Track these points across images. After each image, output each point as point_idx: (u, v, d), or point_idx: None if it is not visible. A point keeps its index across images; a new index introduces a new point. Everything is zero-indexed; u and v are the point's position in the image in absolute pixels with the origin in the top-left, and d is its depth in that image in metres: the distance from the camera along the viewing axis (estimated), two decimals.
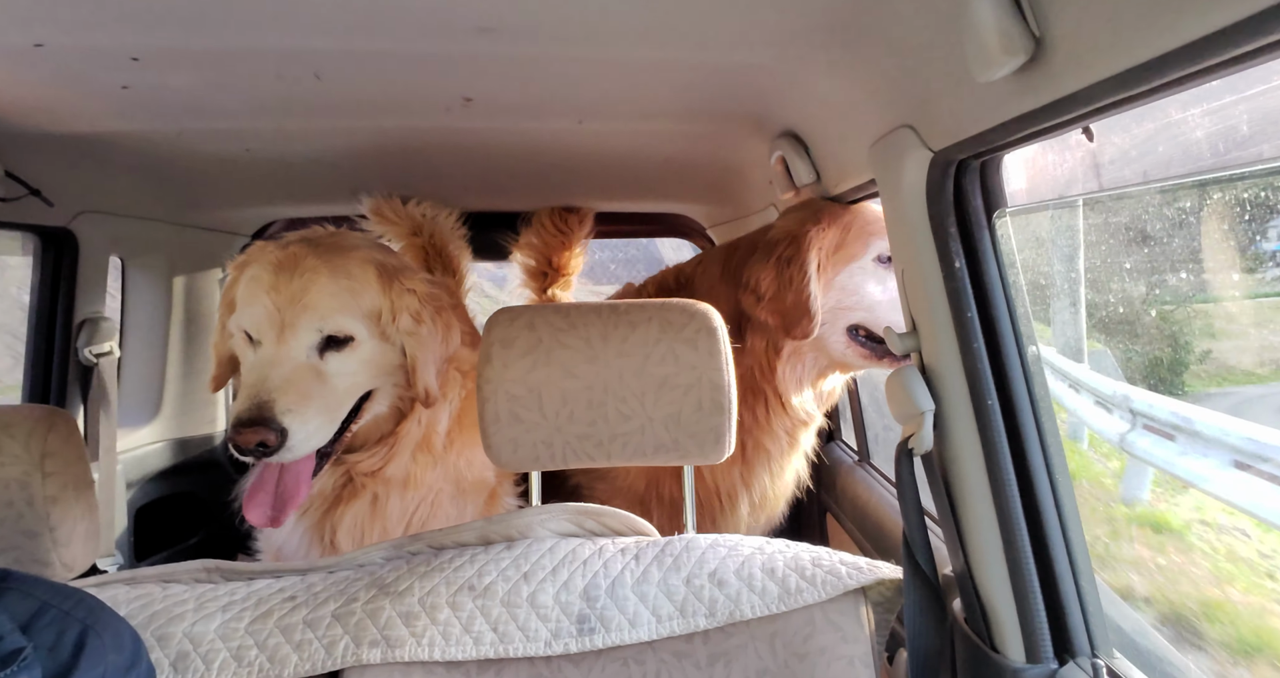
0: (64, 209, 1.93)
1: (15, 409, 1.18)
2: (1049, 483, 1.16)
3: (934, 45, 1.07)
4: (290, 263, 1.51)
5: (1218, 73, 0.72)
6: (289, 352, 1.47)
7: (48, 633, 0.82)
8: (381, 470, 1.63)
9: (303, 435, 1.43)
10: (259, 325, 1.49)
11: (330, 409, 1.50)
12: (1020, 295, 1.19)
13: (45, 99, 1.49)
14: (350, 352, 1.52)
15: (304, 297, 1.48)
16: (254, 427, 1.37)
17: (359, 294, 1.54)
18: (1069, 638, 1.14)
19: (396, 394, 1.63)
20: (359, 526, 1.64)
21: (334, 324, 1.50)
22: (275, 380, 1.43)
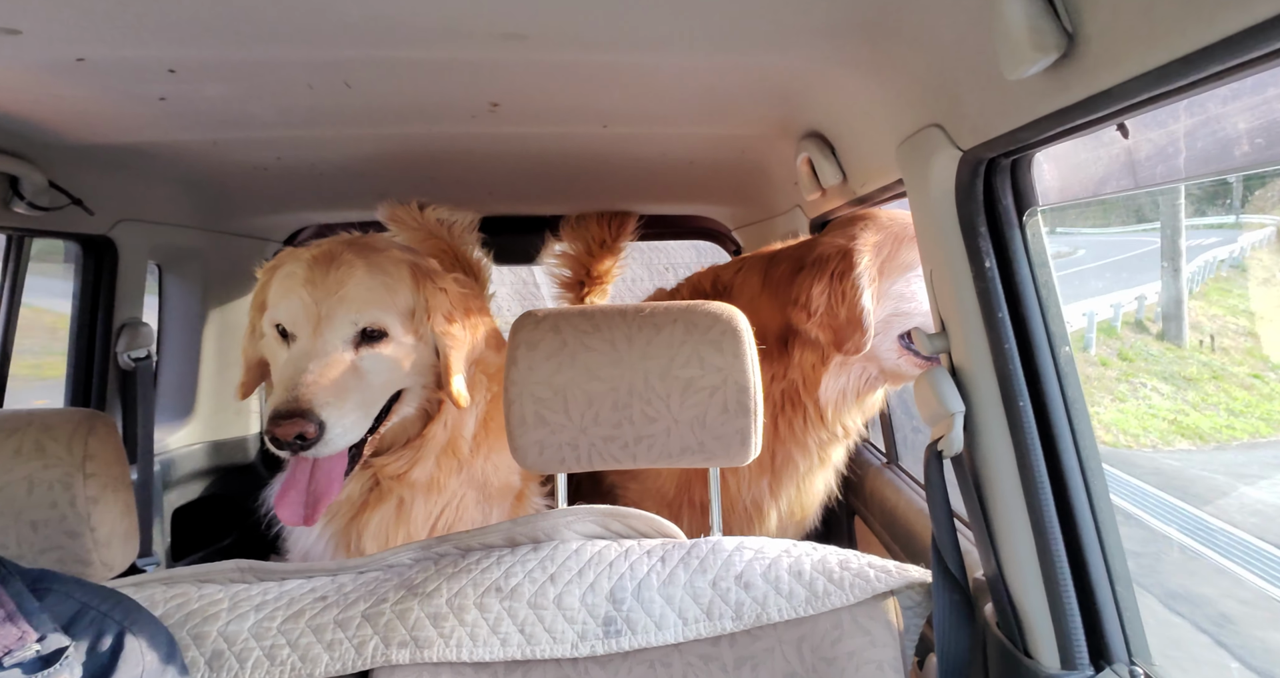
0: (104, 217, 1.99)
1: (58, 412, 1.21)
2: (1083, 485, 1.14)
3: (963, 43, 1.06)
4: (326, 259, 1.53)
5: (1258, 67, 0.70)
6: (325, 345, 1.47)
7: (87, 633, 0.85)
8: (407, 474, 1.63)
9: (340, 429, 1.42)
10: (295, 319, 1.49)
11: (365, 404, 1.50)
12: (1053, 295, 1.17)
13: (86, 111, 1.53)
14: (384, 347, 1.53)
15: (340, 290, 1.49)
16: (292, 418, 1.37)
17: (394, 291, 1.55)
18: (1105, 644, 1.12)
19: (425, 396, 1.64)
20: (384, 530, 1.65)
21: (369, 317, 1.50)
22: (313, 373, 1.42)
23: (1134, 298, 7.88)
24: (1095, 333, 7.68)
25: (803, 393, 1.84)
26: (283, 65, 1.33)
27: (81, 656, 0.82)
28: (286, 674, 1.08)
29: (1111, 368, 7.43)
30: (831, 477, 2.01)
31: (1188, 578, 4.10)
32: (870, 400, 1.90)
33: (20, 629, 0.76)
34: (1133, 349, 7.63)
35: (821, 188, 1.83)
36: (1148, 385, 7.14)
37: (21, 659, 0.76)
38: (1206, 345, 6.95)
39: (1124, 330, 7.87)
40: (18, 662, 0.76)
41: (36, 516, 1.12)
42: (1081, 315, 7.67)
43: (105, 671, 0.83)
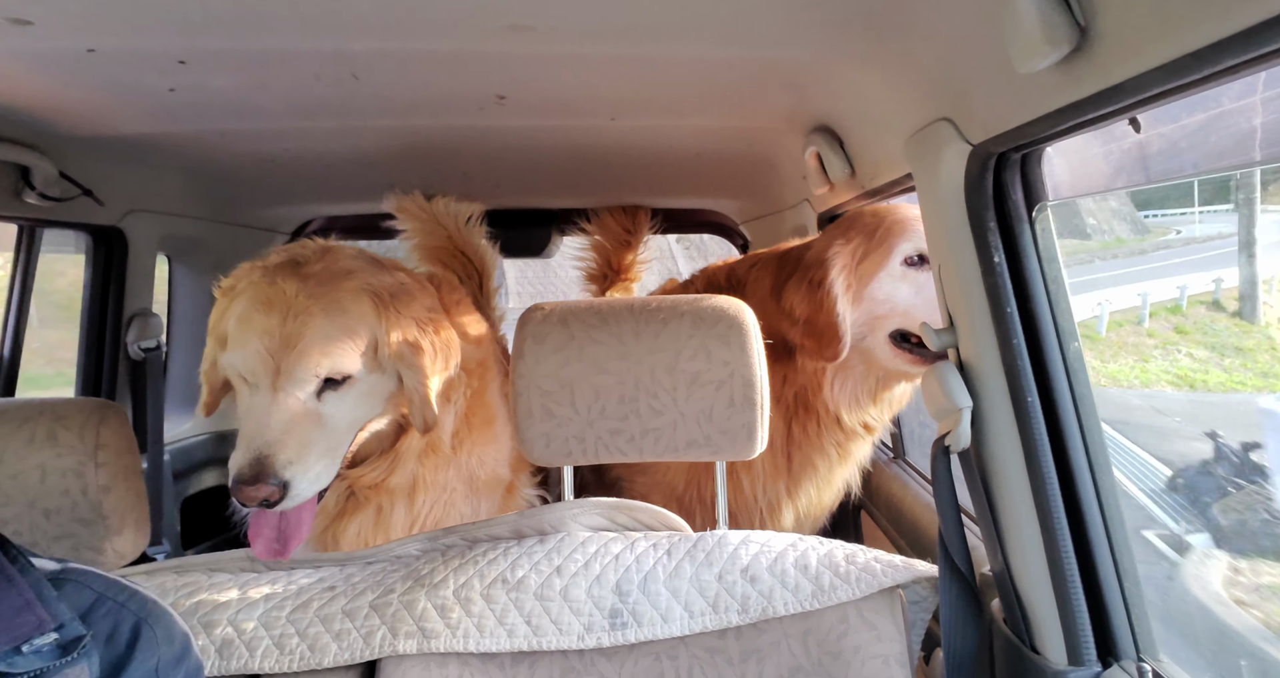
0: (114, 208, 2.00)
1: (70, 402, 1.22)
2: (1091, 481, 1.14)
3: (973, 36, 1.05)
4: (281, 302, 1.43)
5: (1271, 62, 0.70)
6: (286, 399, 1.40)
7: (104, 624, 0.85)
8: (385, 482, 1.59)
9: (305, 484, 1.38)
10: (253, 370, 1.41)
11: (332, 451, 1.45)
12: (1062, 290, 1.16)
13: (96, 102, 1.54)
14: (348, 389, 1.46)
15: (299, 342, 1.40)
16: (255, 484, 1.32)
17: (354, 332, 1.46)
18: (1113, 640, 1.12)
19: (399, 412, 1.58)
20: (362, 536, 1.61)
21: (330, 366, 1.43)
22: (274, 431, 1.37)
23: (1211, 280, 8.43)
24: (1149, 309, 8.42)
25: (811, 396, 1.83)
26: (291, 57, 1.33)
27: (99, 645, 0.83)
28: (295, 664, 1.09)
29: (1156, 338, 7.93)
30: (853, 472, 1.98)
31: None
32: (889, 396, 1.87)
33: (39, 617, 0.77)
34: (1195, 325, 7.96)
35: (830, 182, 1.82)
36: (1183, 351, 7.57)
37: (40, 647, 0.77)
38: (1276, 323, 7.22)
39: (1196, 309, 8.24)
40: (36, 649, 0.76)
41: (49, 503, 1.14)
42: (1137, 295, 8.51)
43: (122, 660, 0.84)
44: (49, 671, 0.76)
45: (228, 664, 1.09)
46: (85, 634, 0.80)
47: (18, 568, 0.81)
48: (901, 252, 1.73)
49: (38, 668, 0.76)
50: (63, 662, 0.77)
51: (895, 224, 1.75)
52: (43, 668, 0.76)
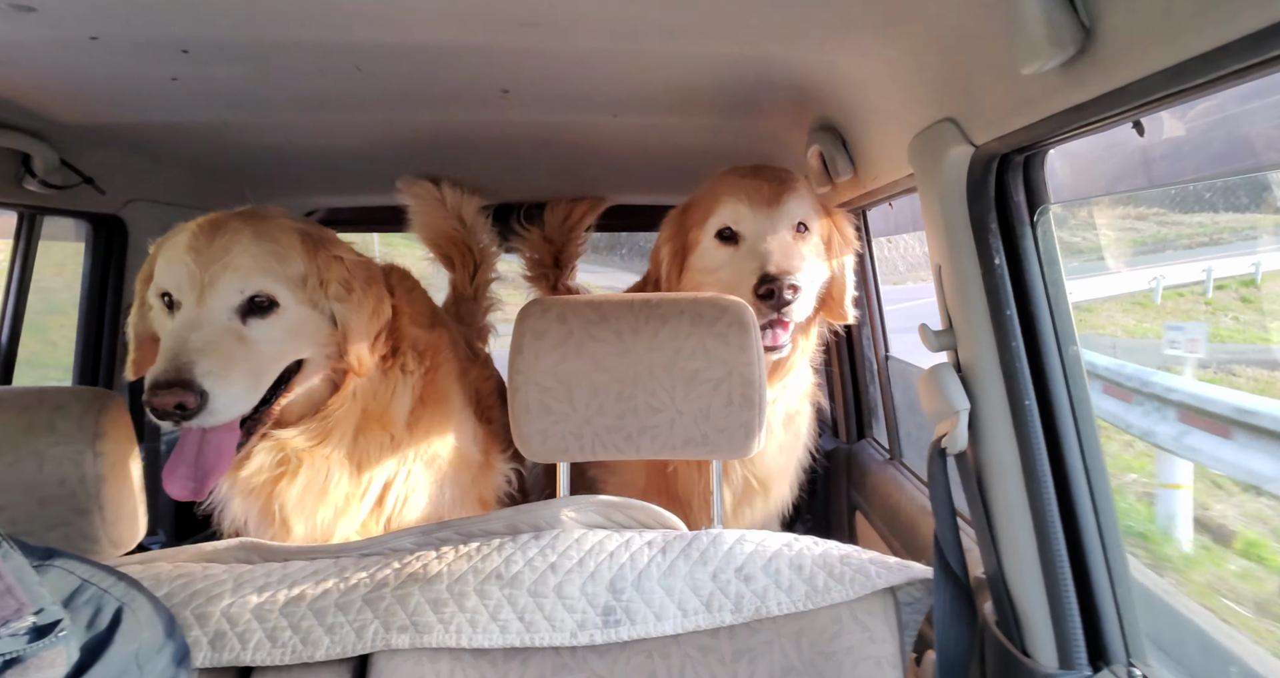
0: (114, 197, 1.99)
1: (69, 391, 1.22)
2: (1086, 485, 1.14)
3: (978, 37, 1.04)
4: (212, 227, 1.47)
5: (1277, 66, 0.69)
6: (210, 313, 1.42)
7: (86, 609, 0.86)
8: (319, 447, 1.58)
9: (225, 399, 1.37)
10: (179, 286, 1.43)
11: (254, 374, 1.44)
12: (1062, 294, 1.16)
13: (99, 90, 1.53)
14: (275, 318, 1.47)
15: (225, 257, 1.43)
16: (171, 388, 1.31)
17: (283, 259, 1.49)
18: (1104, 644, 1.12)
19: (329, 366, 1.58)
20: (307, 504, 1.60)
21: (256, 285, 1.45)
22: (195, 343, 1.37)
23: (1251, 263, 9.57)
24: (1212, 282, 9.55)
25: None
26: (294, 48, 1.33)
27: (80, 630, 0.83)
28: (287, 657, 1.09)
29: (1214, 306, 8.82)
30: (790, 440, 1.95)
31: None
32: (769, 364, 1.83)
33: (18, 601, 0.77)
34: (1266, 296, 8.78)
35: (832, 180, 1.82)
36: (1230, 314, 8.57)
37: (17, 630, 0.77)
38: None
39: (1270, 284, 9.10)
40: (13, 633, 0.77)
41: (46, 492, 1.14)
42: (1201, 271, 9.66)
43: (101, 644, 0.84)
44: (25, 654, 0.77)
45: (219, 656, 1.09)
46: (62, 619, 0.80)
47: (0, 553, 0.81)
48: (714, 226, 1.78)
49: (13, 651, 0.76)
50: (39, 645, 0.77)
51: (709, 194, 1.81)
52: (19, 651, 0.76)
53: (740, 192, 1.76)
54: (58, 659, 0.79)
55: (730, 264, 1.75)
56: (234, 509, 1.62)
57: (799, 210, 1.77)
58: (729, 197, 1.77)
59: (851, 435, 2.43)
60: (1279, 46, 0.65)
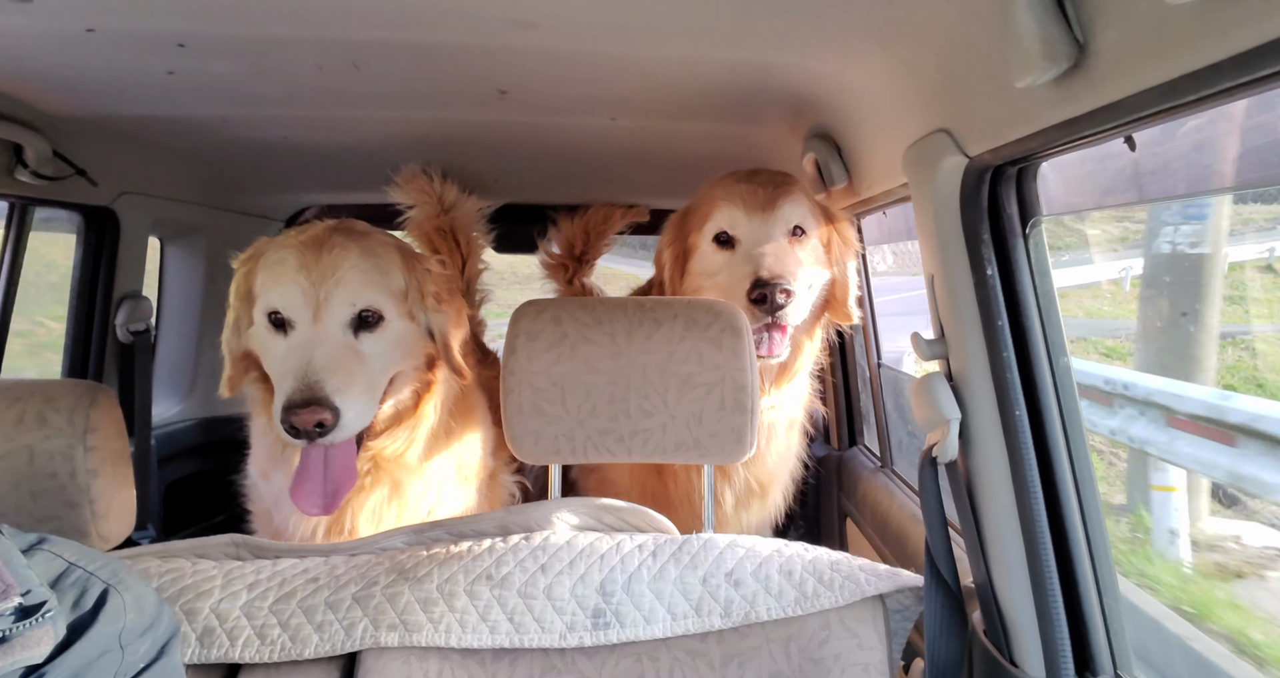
0: (107, 189, 1.98)
1: (60, 384, 1.21)
2: (1075, 496, 1.15)
3: (973, 49, 1.05)
4: (317, 243, 1.50)
5: (1268, 85, 0.70)
6: (327, 331, 1.46)
7: (72, 591, 0.87)
8: (403, 456, 1.63)
9: (353, 414, 1.42)
10: (292, 305, 1.47)
11: (371, 388, 1.49)
12: (1053, 305, 1.17)
13: (94, 82, 1.53)
14: (382, 331, 1.52)
15: (336, 273, 1.47)
16: (309, 407, 1.35)
17: (387, 273, 1.54)
18: (1091, 654, 1.12)
19: (416, 377, 1.64)
20: (377, 513, 1.64)
21: (366, 300, 1.49)
22: (320, 360, 1.41)
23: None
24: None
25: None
26: (292, 44, 1.32)
27: (65, 611, 0.84)
28: (276, 654, 1.09)
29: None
30: (789, 445, 1.96)
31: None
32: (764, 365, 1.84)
33: (4, 583, 0.78)
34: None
35: (827, 188, 1.83)
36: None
37: (3, 611, 0.78)
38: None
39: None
40: (0, 614, 0.77)
41: (36, 485, 1.13)
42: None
43: (85, 624, 0.85)
44: (10, 634, 0.77)
45: (208, 653, 1.09)
46: (48, 600, 0.81)
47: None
48: (711, 230, 1.79)
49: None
50: (24, 625, 0.78)
51: (706, 198, 1.83)
52: (4, 631, 0.77)
53: (736, 196, 1.77)
54: (44, 638, 0.79)
55: (727, 268, 1.76)
56: (312, 520, 1.61)
57: (795, 214, 1.78)
58: (725, 201, 1.78)
59: (843, 443, 2.44)
60: (1269, 65, 0.66)
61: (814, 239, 1.82)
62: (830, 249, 1.85)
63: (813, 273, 1.80)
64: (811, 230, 1.81)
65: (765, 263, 1.67)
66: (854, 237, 1.91)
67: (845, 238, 1.88)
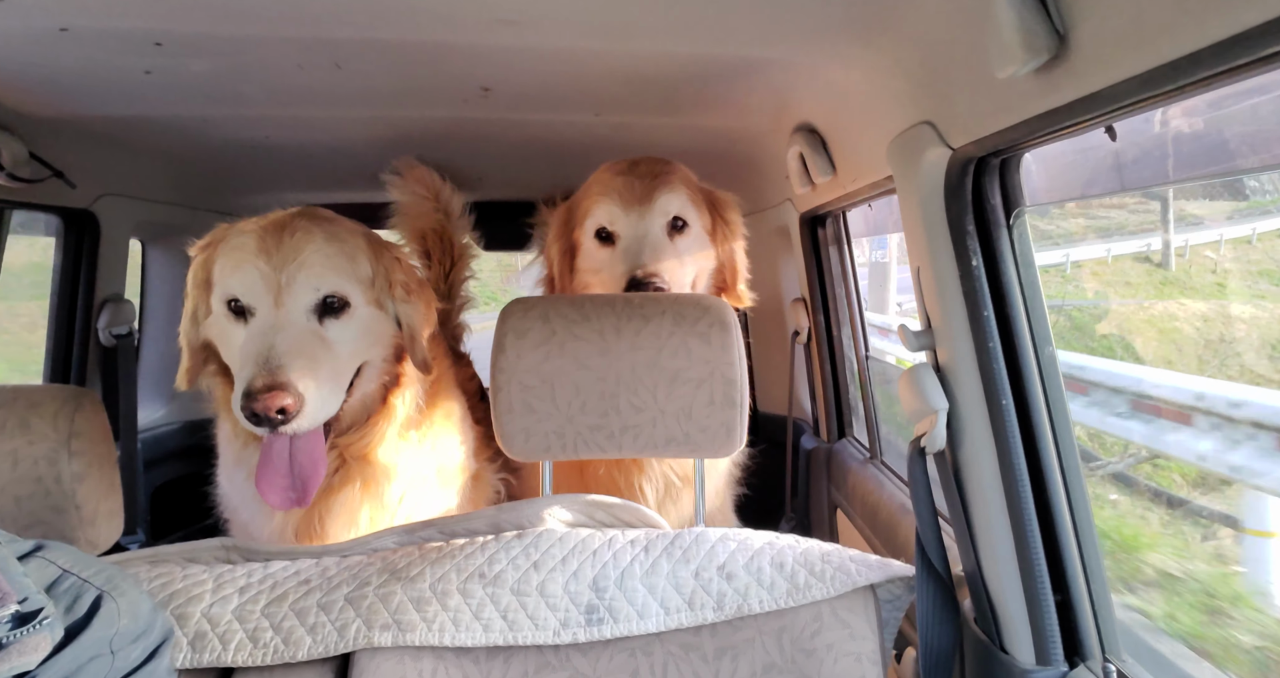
0: (86, 191, 1.96)
1: (44, 389, 1.20)
2: (1062, 484, 1.16)
3: (955, 42, 1.06)
4: (278, 227, 1.45)
5: (1246, 72, 0.71)
6: (289, 316, 1.41)
7: (65, 598, 0.87)
8: (369, 453, 1.58)
9: (318, 401, 1.37)
10: (252, 290, 1.41)
11: (337, 376, 1.44)
12: (1038, 295, 1.18)
13: (69, 83, 1.50)
14: (348, 318, 1.47)
15: (299, 256, 1.42)
16: (271, 392, 1.30)
17: (353, 259, 1.49)
18: (1079, 640, 1.14)
19: (383, 370, 1.59)
20: (349, 513, 1.59)
21: (331, 285, 1.44)
22: (282, 345, 1.36)
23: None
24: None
25: None
26: (272, 43, 1.31)
27: (60, 617, 0.84)
28: (269, 657, 1.08)
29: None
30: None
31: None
32: None
33: (2, 591, 0.79)
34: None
35: (812, 182, 1.83)
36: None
37: (1, 618, 0.78)
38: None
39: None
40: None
41: (21, 490, 1.12)
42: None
43: (77, 629, 0.85)
44: (8, 641, 0.78)
45: (200, 658, 1.08)
46: (45, 606, 0.81)
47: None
48: (591, 227, 1.79)
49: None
50: (21, 632, 0.78)
51: (586, 195, 1.82)
52: (2, 638, 0.77)
53: (613, 191, 1.75)
54: (41, 644, 0.80)
55: (608, 265, 1.75)
56: (275, 522, 1.58)
57: (672, 205, 1.76)
58: (602, 197, 1.76)
59: (832, 435, 2.45)
60: (1246, 54, 0.67)
61: (696, 228, 1.80)
62: (715, 235, 1.84)
63: (695, 264, 1.80)
64: (693, 219, 1.80)
65: (640, 260, 1.66)
66: (739, 220, 1.89)
67: (730, 222, 1.87)
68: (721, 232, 1.84)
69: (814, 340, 2.40)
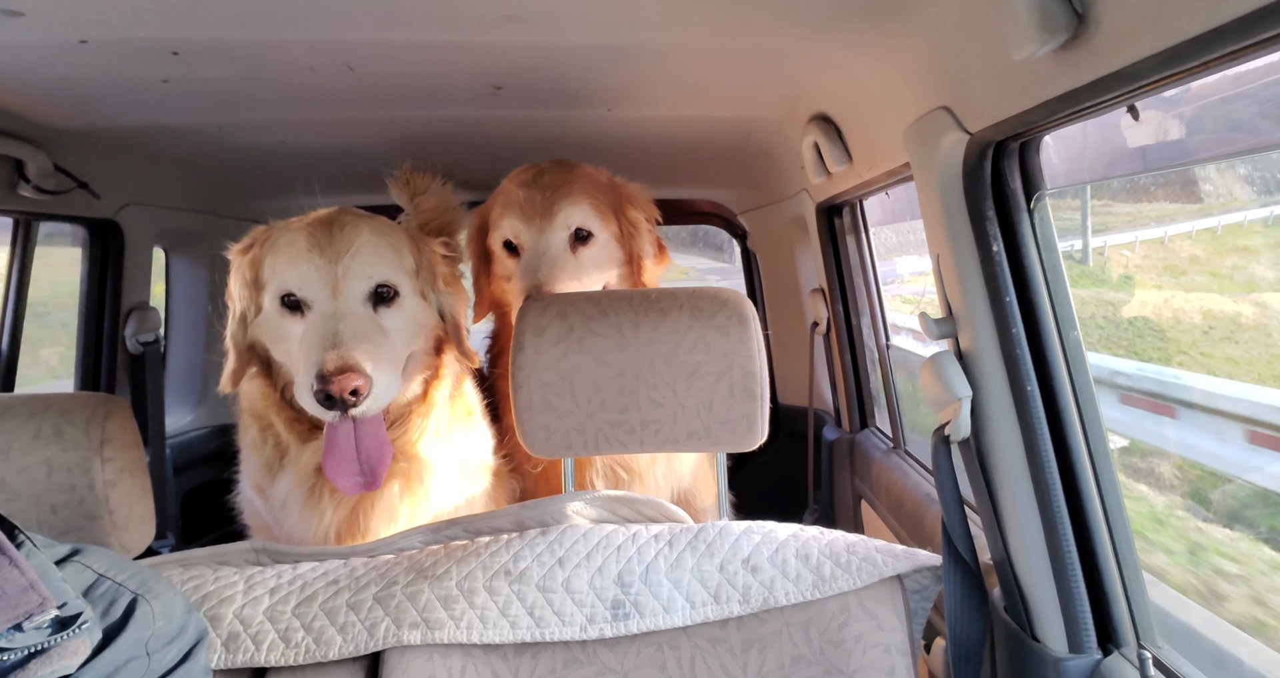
0: (109, 201, 1.99)
1: (74, 397, 1.22)
2: (1091, 469, 1.14)
3: (970, 24, 1.04)
4: (326, 223, 1.50)
5: (1270, 47, 0.69)
6: (348, 305, 1.45)
7: (101, 602, 0.88)
8: (408, 448, 1.60)
9: (383, 384, 1.40)
10: (308, 283, 1.45)
11: (394, 362, 1.47)
12: (1061, 279, 1.16)
13: (90, 94, 1.53)
14: (398, 307, 1.52)
15: (352, 247, 1.47)
16: (344, 373, 1.33)
17: (398, 250, 1.54)
18: (1113, 627, 1.12)
19: (425, 363, 1.62)
20: (389, 511, 1.60)
21: (383, 274, 1.49)
22: (346, 331, 1.40)
23: None
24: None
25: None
26: (285, 47, 1.32)
27: (97, 622, 0.86)
28: (301, 657, 1.10)
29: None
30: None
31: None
32: None
33: (41, 596, 0.80)
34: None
35: (828, 171, 1.82)
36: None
37: (40, 624, 0.79)
38: None
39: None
40: (37, 626, 0.79)
41: (56, 499, 1.14)
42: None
43: (115, 631, 0.87)
44: (48, 646, 0.79)
45: (234, 658, 1.10)
46: (83, 611, 0.83)
47: (23, 551, 0.83)
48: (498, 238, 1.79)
49: (37, 643, 0.79)
50: (61, 637, 0.80)
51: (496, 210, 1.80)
52: (42, 644, 0.79)
53: (515, 205, 1.76)
54: (80, 648, 0.81)
55: (516, 277, 1.75)
56: (325, 522, 1.59)
57: (574, 218, 1.75)
58: (507, 209, 1.77)
59: (854, 425, 2.43)
60: (1271, 28, 0.65)
61: (603, 237, 1.79)
62: (624, 239, 1.83)
63: (602, 273, 1.80)
64: (597, 229, 1.78)
65: (538, 278, 1.68)
66: (644, 220, 1.87)
67: (637, 225, 1.85)
68: (629, 235, 1.84)
69: (833, 331, 2.39)
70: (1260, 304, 3.33)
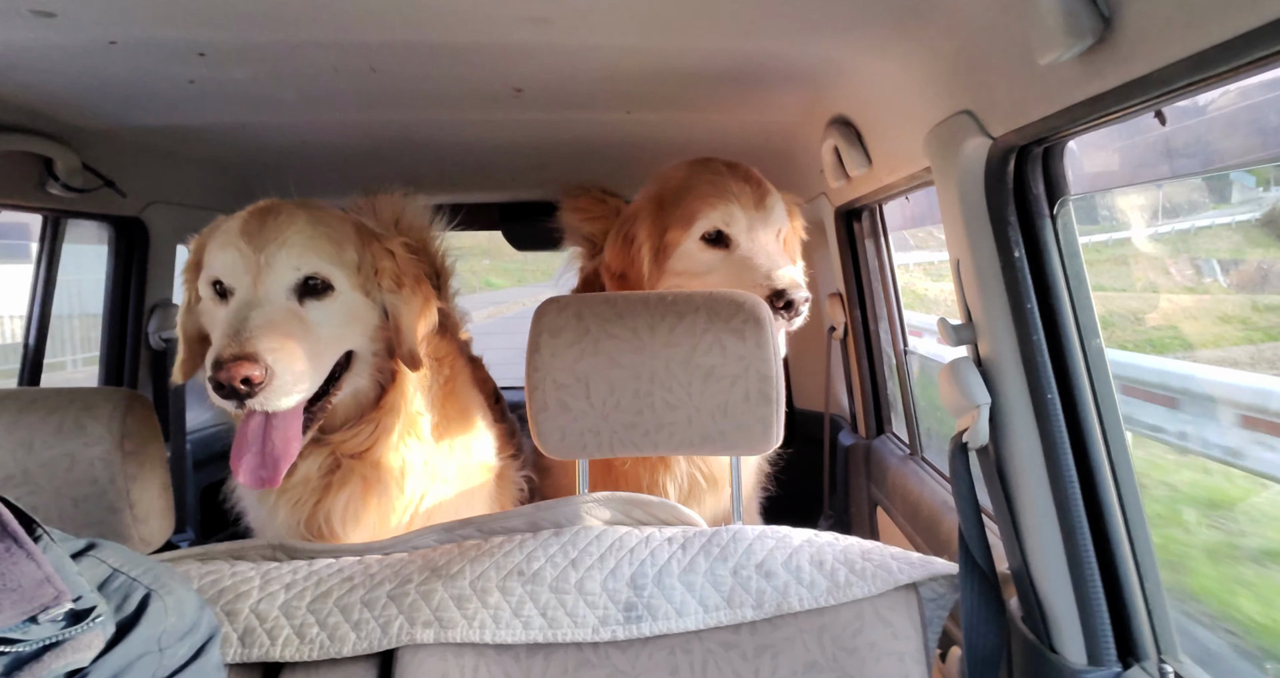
0: (135, 199, 2.02)
1: (97, 392, 1.24)
2: (1112, 479, 1.13)
3: (994, 28, 1.03)
4: (265, 212, 1.47)
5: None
6: (267, 293, 1.40)
7: (115, 597, 0.90)
8: (369, 452, 1.56)
9: (289, 376, 1.35)
10: (232, 270, 1.41)
11: (313, 357, 1.41)
12: (1083, 286, 1.15)
13: (118, 94, 1.55)
14: (330, 301, 1.46)
15: (280, 236, 1.42)
16: (237, 362, 1.29)
17: (338, 243, 1.48)
18: (1133, 640, 1.11)
19: (376, 365, 1.57)
20: (353, 513, 1.57)
21: (312, 266, 1.43)
22: (256, 320, 1.35)
23: None
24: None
25: None
26: (309, 49, 1.34)
27: (110, 616, 0.87)
28: (315, 652, 1.11)
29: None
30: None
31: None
32: None
33: (57, 590, 0.81)
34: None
35: (848, 175, 1.81)
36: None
37: (55, 616, 0.80)
38: None
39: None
40: (52, 619, 0.80)
41: (78, 492, 1.16)
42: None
43: (127, 627, 0.88)
44: (62, 639, 0.80)
45: (249, 652, 1.11)
46: (97, 605, 0.84)
47: (41, 545, 0.84)
48: (700, 228, 1.71)
49: (51, 636, 0.80)
50: (75, 630, 0.81)
51: (697, 197, 1.73)
52: (56, 636, 0.80)
53: (730, 194, 1.71)
54: (93, 642, 0.82)
55: (723, 270, 1.70)
56: (280, 521, 1.58)
57: (779, 214, 1.74)
58: (718, 199, 1.71)
59: (871, 431, 2.42)
60: None
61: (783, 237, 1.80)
62: (788, 245, 1.82)
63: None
64: (785, 228, 1.78)
65: (775, 272, 1.63)
66: (803, 227, 1.89)
67: (798, 232, 1.85)
68: (791, 241, 1.85)
69: (851, 335, 2.37)
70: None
